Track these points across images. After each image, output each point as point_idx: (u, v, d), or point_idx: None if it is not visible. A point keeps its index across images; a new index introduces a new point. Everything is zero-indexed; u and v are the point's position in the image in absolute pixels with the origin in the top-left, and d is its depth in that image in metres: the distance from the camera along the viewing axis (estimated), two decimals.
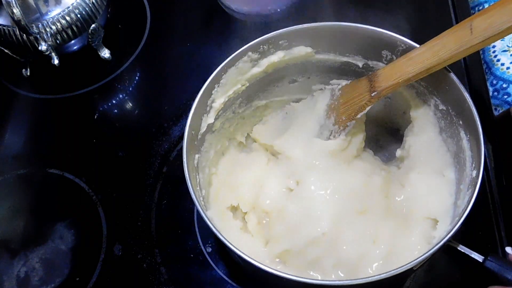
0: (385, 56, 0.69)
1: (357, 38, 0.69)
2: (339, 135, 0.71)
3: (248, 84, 0.73)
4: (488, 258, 0.58)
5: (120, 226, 0.78)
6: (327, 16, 0.78)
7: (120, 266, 0.75)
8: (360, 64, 0.72)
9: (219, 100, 0.69)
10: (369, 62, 0.72)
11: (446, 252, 0.56)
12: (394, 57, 0.68)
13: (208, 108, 0.69)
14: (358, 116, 0.69)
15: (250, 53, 0.69)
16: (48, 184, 0.84)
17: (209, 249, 0.75)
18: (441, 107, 0.67)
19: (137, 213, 0.79)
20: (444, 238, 0.54)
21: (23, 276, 0.75)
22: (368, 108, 0.68)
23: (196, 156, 0.67)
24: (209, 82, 0.66)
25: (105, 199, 0.81)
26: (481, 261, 0.58)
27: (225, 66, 0.68)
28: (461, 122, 0.64)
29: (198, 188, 0.65)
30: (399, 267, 0.53)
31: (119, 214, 0.79)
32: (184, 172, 0.60)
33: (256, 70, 0.71)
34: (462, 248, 0.59)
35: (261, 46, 0.69)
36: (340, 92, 0.72)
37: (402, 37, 0.66)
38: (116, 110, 0.92)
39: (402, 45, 0.66)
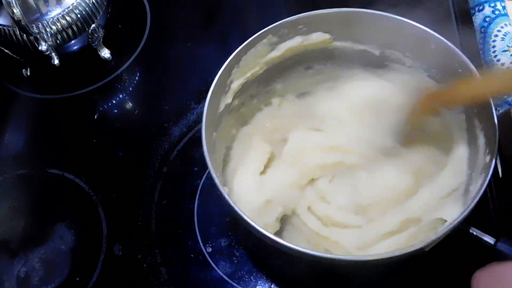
0: (402, 45, 0.69)
1: (374, 25, 0.69)
2: None
3: (265, 68, 0.73)
4: (500, 240, 0.57)
5: (120, 226, 0.78)
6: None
7: (120, 266, 0.75)
8: (377, 53, 0.72)
9: (237, 81, 0.69)
10: (386, 51, 0.72)
11: (457, 236, 0.56)
12: (410, 46, 0.68)
13: (226, 88, 0.69)
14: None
15: (270, 36, 0.69)
16: (48, 184, 0.84)
17: (209, 249, 0.75)
18: None
19: (137, 213, 0.79)
20: (456, 220, 0.53)
21: (23, 276, 0.75)
22: None
23: (214, 134, 0.67)
24: (229, 61, 0.66)
25: (105, 199, 0.81)
26: (492, 243, 0.57)
27: (245, 47, 0.67)
28: (475, 111, 0.64)
29: (215, 164, 0.65)
30: (410, 246, 0.52)
31: (119, 214, 0.79)
32: (202, 147, 0.60)
33: (274, 54, 0.71)
34: (473, 231, 0.58)
35: (281, 30, 0.69)
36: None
37: (421, 25, 0.65)
38: (116, 110, 0.92)
39: (420, 33, 0.66)
